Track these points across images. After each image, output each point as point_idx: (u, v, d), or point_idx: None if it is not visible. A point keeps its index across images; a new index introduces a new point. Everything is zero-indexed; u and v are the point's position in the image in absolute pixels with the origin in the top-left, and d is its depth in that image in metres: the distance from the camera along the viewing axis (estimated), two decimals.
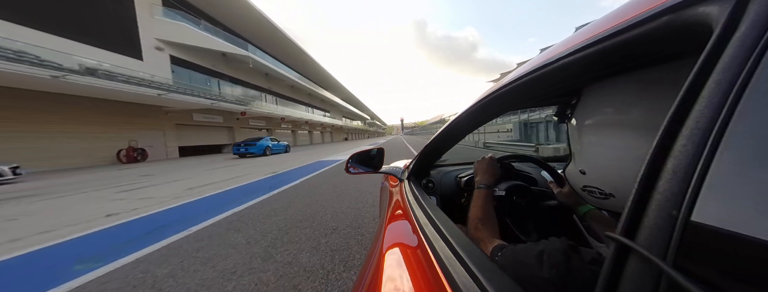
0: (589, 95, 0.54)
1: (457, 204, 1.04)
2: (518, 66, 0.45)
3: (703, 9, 0.23)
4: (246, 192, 4.50)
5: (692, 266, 0.18)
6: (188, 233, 2.57)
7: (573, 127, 0.58)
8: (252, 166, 9.03)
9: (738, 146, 0.18)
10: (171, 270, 1.83)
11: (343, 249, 2.04)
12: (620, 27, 0.30)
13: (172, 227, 2.75)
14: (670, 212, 0.19)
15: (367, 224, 2.61)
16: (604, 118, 0.52)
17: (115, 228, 2.85)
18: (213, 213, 3.22)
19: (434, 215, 0.59)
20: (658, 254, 0.19)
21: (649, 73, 0.45)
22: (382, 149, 1.22)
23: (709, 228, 0.17)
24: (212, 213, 3.22)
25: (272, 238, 2.36)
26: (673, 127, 0.22)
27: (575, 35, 0.40)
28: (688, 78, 0.22)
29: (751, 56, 0.18)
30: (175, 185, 5.59)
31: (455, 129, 0.87)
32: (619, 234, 0.22)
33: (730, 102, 0.18)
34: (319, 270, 1.74)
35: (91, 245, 2.40)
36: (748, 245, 0.15)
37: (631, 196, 0.22)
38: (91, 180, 7.01)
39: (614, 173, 0.51)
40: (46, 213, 3.61)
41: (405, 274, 0.48)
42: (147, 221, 3.05)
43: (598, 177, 0.54)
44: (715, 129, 0.19)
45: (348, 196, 3.84)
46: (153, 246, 2.27)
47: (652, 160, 0.22)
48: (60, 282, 1.72)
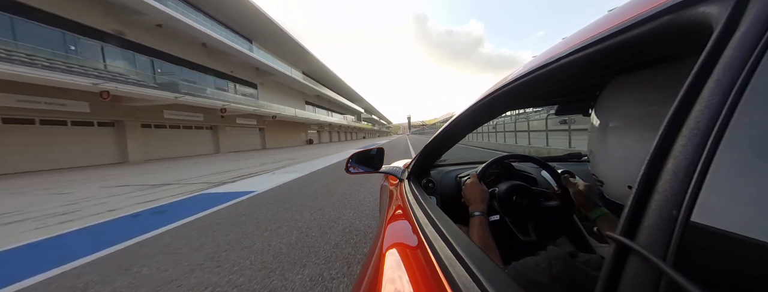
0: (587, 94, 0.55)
1: (457, 204, 1.04)
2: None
3: (703, 9, 0.23)
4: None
5: (692, 266, 0.18)
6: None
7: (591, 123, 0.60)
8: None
9: (738, 146, 0.17)
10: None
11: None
12: (620, 27, 0.30)
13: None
14: (670, 212, 0.19)
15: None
16: (604, 117, 0.52)
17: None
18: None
19: (434, 215, 0.59)
20: (658, 255, 0.19)
21: (650, 73, 0.45)
22: (382, 149, 1.22)
23: (709, 228, 0.17)
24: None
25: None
26: (673, 127, 0.21)
27: (575, 35, 0.40)
28: (688, 78, 0.22)
29: (751, 56, 0.18)
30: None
31: (456, 129, 0.87)
32: (619, 234, 0.22)
33: (730, 102, 0.18)
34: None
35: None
36: (748, 245, 0.15)
37: (631, 196, 0.22)
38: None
39: (609, 165, 0.53)
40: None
41: (405, 274, 0.48)
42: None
43: (598, 166, 0.57)
44: (715, 129, 0.19)
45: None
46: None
47: (652, 160, 0.22)
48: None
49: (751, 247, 0.15)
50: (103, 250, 2.28)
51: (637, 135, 0.46)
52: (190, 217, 3.19)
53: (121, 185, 6.06)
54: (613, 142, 0.50)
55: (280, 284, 1.63)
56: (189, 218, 3.16)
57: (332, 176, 6.01)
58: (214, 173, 7.45)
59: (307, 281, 1.64)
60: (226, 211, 3.42)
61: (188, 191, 4.97)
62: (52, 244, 2.53)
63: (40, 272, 1.92)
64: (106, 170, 9.96)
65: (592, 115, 0.57)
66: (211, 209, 3.53)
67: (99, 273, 1.87)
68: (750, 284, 0.16)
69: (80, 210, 3.82)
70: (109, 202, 4.28)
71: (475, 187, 0.84)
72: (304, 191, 4.43)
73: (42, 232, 2.87)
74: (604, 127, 0.52)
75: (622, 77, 0.50)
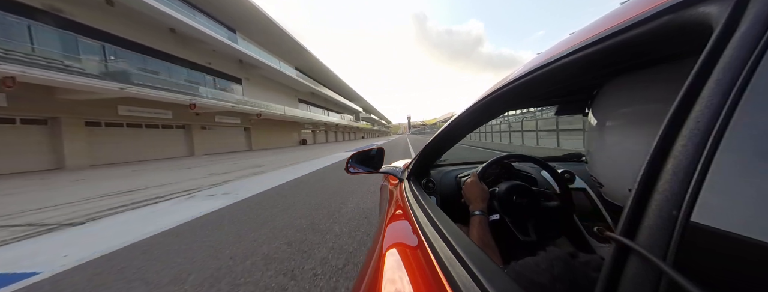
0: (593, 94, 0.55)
1: (457, 204, 1.04)
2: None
3: (703, 9, 0.23)
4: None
5: (692, 266, 0.18)
6: None
7: (588, 123, 0.60)
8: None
9: (738, 146, 0.17)
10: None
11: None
12: (620, 27, 0.30)
13: None
14: (670, 212, 0.19)
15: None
16: (604, 116, 0.52)
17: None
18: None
19: (434, 215, 0.59)
20: (658, 255, 0.19)
21: (650, 73, 0.45)
22: (382, 149, 1.22)
23: (709, 228, 0.17)
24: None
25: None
26: (673, 127, 0.21)
27: (575, 35, 0.40)
28: (688, 78, 0.22)
29: (751, 56, 0.18)
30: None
31: (456, 129, 0.87)
32: (619, 234, 0.22)
33: (730, 102, 0.18)
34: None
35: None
36: (748, 245, 0.15)
37: (631, 196, 0.22)
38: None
39: (610, 166, 0.54)
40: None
41: (405, 274, 0.48)
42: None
43: (599, 169, 0.58)
44: (715, 129, 0.18)
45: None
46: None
47: (652, 160, 0.22)
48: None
49: (751, 247, 0.15)
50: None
51: (636, 135, 0.46)
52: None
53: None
54: (612, 142, 0.51)
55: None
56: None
57: (298, 201, 3.52)
58: (100, 197, 4.53)
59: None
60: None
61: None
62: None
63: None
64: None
65: (590, 115, 0.57)
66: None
67: None
68: (750, 284, 0.16)
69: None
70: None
71: (475, 186, 0.84)
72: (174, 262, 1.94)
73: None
74: (603, 127, 0.52)
75: (621, 77, 0.50)
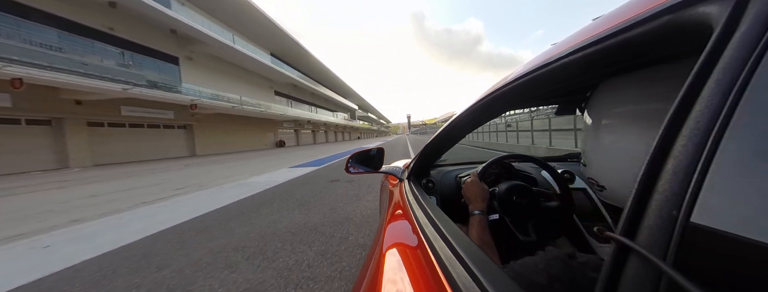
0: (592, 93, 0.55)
1: (457, 204, 1.04)
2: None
3: (703, 9, 0.23)
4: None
5: (692, 266, 0.18)
6: None
7: (584, 123, 0.60)
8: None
9: (738, 146, 0.17)
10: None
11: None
12: (620, 27, 0.30)
13: None
14: (670, 212, 0.19)
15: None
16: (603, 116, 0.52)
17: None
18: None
19: (434, 215, 0.59)
20: (658, 255, 0.19)
21: (650, 73, 0.45)
22: (382, 149, 1.22)
23: (708, 228, 0.17)
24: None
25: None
26: (673, 127, 0.21)
27: (575, 35, 0.39)
28: (688, 78, 0.21)
29: (751, 56, 0.18)
30: None
31: (456, 129, 0.87)
32: (619, 234, 0.22)
33: (730, 102, 0.18)
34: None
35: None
36: (748, 245, 0.15)
37: (631, 196, 0.22)
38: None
39: (608, 167, 0.54)
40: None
41: (405, 274, 0.48)
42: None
43: (595, 170, 0.58)
44: (715, 129, 0.18)
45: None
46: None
47: (652, 160, 0.22)
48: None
49: (750, 247, 0.15)
50: None
51: (634, 134, 0.46)
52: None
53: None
54: (610, 142, 0.51)
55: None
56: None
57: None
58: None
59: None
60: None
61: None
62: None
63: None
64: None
65: (585, 115, 0.57)
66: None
67: None
68: (750, 284, 0.16)
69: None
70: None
71: (475, 186, 0.84)
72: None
73: None
74: (601, 126, 0.52)
75: (620, 77, 0.50)
